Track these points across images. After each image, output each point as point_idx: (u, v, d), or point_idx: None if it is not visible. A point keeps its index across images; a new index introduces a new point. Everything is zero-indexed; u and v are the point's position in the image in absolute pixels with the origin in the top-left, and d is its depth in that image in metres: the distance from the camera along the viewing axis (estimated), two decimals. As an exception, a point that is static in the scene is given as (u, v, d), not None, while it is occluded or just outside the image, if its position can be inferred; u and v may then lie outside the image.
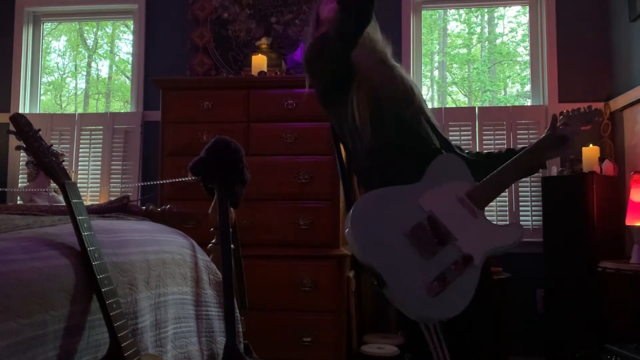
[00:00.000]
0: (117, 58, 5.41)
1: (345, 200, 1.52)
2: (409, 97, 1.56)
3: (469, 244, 1.27)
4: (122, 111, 4.38)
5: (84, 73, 5.43)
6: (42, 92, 4.17)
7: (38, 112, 4.00)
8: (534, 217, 3.46)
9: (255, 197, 2.85)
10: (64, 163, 2.09)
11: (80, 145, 3.82)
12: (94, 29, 5.46)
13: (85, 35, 5.56)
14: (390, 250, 1.22)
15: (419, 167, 1.38)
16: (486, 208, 3.54)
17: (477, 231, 1.31)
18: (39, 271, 1.05)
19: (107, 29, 5.45)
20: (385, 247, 1.22)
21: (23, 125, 1.18)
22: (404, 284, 1.20)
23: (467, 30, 5.98)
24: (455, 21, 5.88)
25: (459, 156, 1.48)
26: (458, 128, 3.56)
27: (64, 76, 5.35)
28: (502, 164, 1.45)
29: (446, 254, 1.25)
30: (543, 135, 1.50)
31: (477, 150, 3.44)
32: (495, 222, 1.41)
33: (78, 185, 1.22)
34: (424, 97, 1.74)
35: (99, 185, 3.76)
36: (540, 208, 3.32)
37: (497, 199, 3.48)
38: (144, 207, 2.10)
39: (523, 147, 1.55)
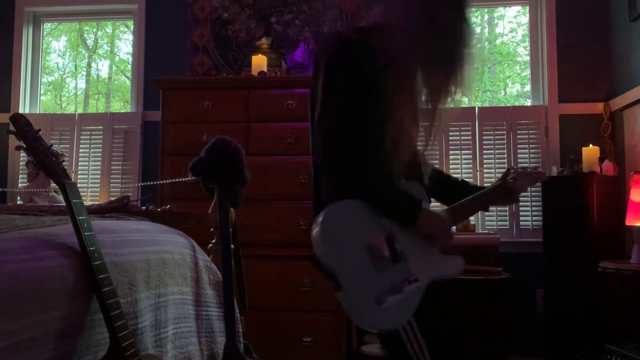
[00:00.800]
0: (117, 58, 5.41)
1: (313, 199, 1.55)
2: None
3: (417, 268, 1.39)
4: (122, 111, 4.38)
5: (84, 73, 5.43)
6: (42, 92, 4.17)
7: (38, 112, 4.00)
8: (534, 217, 3.46)
9: (255, 197, 2.85)
10: (64, 163, 2.09)
11: (80, 146, 3.82)
12: (94, 29, 5.45)
13: (85, 35, 5.56)
14: (351, 258, 1.31)
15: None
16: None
17: (426, 258, 1.43)
18: (39, 271, 1.05)
19: (107, 29, 5.45)
20: (347, 254, 1.32)
21: (23, 125, 1.18)
22: (356, 290, 1.29)
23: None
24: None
25: (422, 184, 1.55)
26: (458, 128, 3.56)
27: (64, 76, 5.35)
28: (457, 195, 1.58)
29: (396, 271, 1.35)
30: (494, 184, 1.60)
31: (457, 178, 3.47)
32: (441, 253, 1.51)
33: (78, 185, 1.22)
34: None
35: (99, 185, 3.76)
36: (540, 208, 3.32)
37: (497, 199, 3.48)
38: (144, 207, 2.10)
39: (475, 187, 1.65)
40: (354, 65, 1.40)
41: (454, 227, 1.60)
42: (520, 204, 3.48)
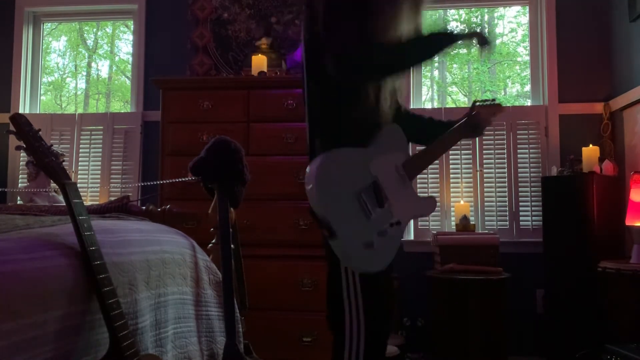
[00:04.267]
0: (117, 58, 5.41)
1: (309, 151, 1.63)
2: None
3: (399, 210, 1.50)
4: (122, 111, 4.38)
5: (84, 73, 5.42)
6: (42, 92, 4.17)
7: (38, 112, 4.00)
8: (534, 217, 3.46)
9: (255, 197, 2.85)
10: (64, 163, 2.09)
11: (80, 146, 3.82)
12: (94, 29, 5.45)
13: (85, 35, 5.56)
14: (342, 207, 1.42)
15: (369, 133, 1.55)
16: (487, 207, 3.53)
17: (405, 199, 1.54)
18: (39, 271, 1.05)
19: (107, 29, 5.45)
20: (339, 204, 1.42)
21: (23, 125, 1.18)
22: (348, 237, 1.40)
23: (467, 30, 5.96)
24: (455, 21, 5.88)
25: (401, 123, 1.65)
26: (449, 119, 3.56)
27: (64, 76, 5.34)
28: (428, 133, 1.72)
29: (382, 215, 1.47)
30: (462, 120, 1.71)
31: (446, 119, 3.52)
32: (416, 194, 1.67)
33: (78, 185, 1.21)
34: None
35: (99, 185, 3.75)
36: (540, 208, 3.32)
37: (498, 199, 3.49)
38: (144, 207, 2.10)
39: (448, 121, 1.77)
40: None
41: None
42: (520, 204, 3.48)
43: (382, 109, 1.58)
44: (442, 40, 1.59)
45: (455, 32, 1.61)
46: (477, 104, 1.72)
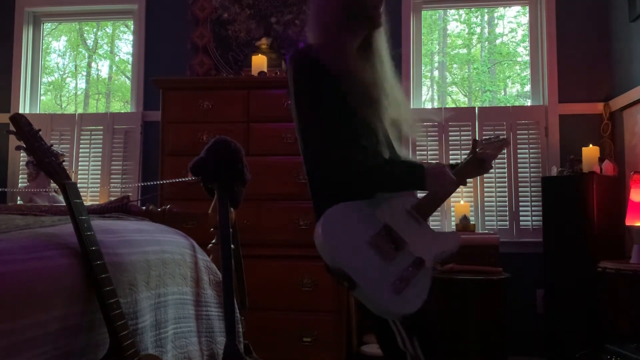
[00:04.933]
0: (117, 58, 5.41)
1: (314, 207, 1.63)
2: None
3: (419, 249, 1.48)
4: (122, 111, 4.38)
5: (84, 73, 5.42)
6: (42, 92, 4.17)
7: (38, 112, 4.00)
8: (534, 217, 3.46)
9: (255, 197, 2.85)
10: (64, 163, 2.09)
11: (80, 146, 3.82)
12: (94, 29, 5.45)
13: (85, 35, 5.56)
14: (357, 256, 1.40)
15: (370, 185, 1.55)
16: (487, 207, 3.53)
17: (425, 238, 1.52)
18: (39, 271, 1.05)
19: (107, 29, 5.45)
20: (352, 253, 1.41)
21: (23, 125, 1.18)
22: (371, 284, 1.38)
23: (467, 30, 5.98)
24: (455, 21, 5.88)
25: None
26: (458, 128, 3.56)
27: (64, 76, 5.35)
28: None
29: (402, 258, 1.45)
30: (466, 158, 1.67)
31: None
32: (436, 230, 1.64)
33: (78, 185, 1.22)
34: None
35: (99, 185, 3.75)
36: (540, 208, 3.31)
37: (497, 199, 3.49)
38: (144, 207, 2.10)
39: (449, 165, 1.73)
40: (310, 79, 1.54)
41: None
42: (520, 204, 3.48)
43: (381, 143, 1.59)
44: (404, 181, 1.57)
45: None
46: (483, 141, 1.68)
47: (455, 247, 1.59)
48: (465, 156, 1.69)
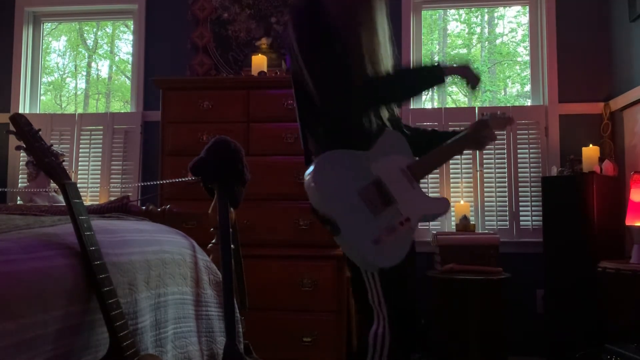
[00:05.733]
0: (117, 58, 5.41)
1: (304, 153, 1.68)
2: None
3: (407, 208, 1.51)
4: (122, 111, 4.38)
5: (84, 73, 5.42)
6: (42, 92, 4.17)
7: (38, 112, 4.00)
8: (534, 217, 3.46)
9: (255, 197, 2.85)
10: (64, 163, 2.09)
11: (80, 145, 3.82)
12: (94, 29, 5.45)
13: (85, 35, 5.56)
14: (345, 204, 1.44)
15: (368, 137, 1.58)
16: (487, 207, 3.53)
17: (414, 199, 1.55)
18: (39, 271, 1.05)
19: (107, 29, 5.45)
20: (341, 201, 1.44)
21: (23, 125, 1.18)
22: (354, 232, 1.42)
23: (467, 30, 5.97)
24: (455, 21, 5.88)
25: (403, 134, 1.68)
26: (458, 128, 3.55)
27: (64, 76, 5.34)
28: (433, 142, 1.70)
29: (389, 213, 1.48)
30: (469, 131, 1.69)
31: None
32: (427, 194, 1.68)
33: (78, 185, 1.22)
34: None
35: (99, 185, 3.75)
36: (540, 208, 3.32)
37: (498, 199, 3.49)
38: (144, 207, 2.10)
39: (452, 131, 1.78)
40: (316, 24, 1.56)
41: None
42: (520, 204, 3.48)
43: (380, 114, 1.61)
44: (426, 78, 1.63)
45: (443, 66, 1.62)
46: (491, 118, 1.70)
47: (444, 211, 1.62)
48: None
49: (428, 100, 4.56)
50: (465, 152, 1.86)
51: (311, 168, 1.46)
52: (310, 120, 1.65)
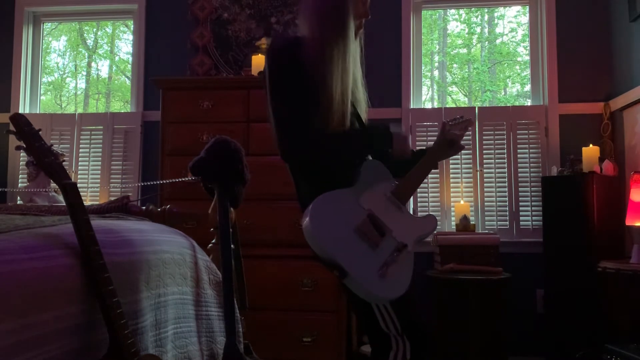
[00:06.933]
0: (117, 58, 5.41)
1: (298, 198, 1.73)
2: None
3: (402, 234, 1.54)
4: (122, 111, 4.38)
5: (84, 73, 5.43)
6: (42, 92, 4.17)
7: (38, 112, 4.00)
8: (534, 217, 3.46)
9: (256, 197, 2.85)
10: (64, 163, 2.09)
11: (80, 145, 3.82)
12: (94, 29, 5.46)
13: (85, 35, 5.56)
14: (346, 245, 1.45)
15: (349, 172, 1.62)
16: (487, 207, 3.53)
17: (405, 223, 1.58)
18: (39, 271, 1.05)
19: (107, 29, 5.45)
20: (341, 243, 1.45)
21: (23, 125, 1.18)
22: (360, 272, 1.43)
23: (467, 30, 5.98)
24: (455, 21, 5.88)
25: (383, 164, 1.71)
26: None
27: (64, 76, 5.35)
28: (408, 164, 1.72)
29: (387, 244, 1.50)
30: (436, 141, 1.74)
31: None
32: (415, 215, 1.74)
33: (78, 185, 1.21)
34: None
35: (99, 185, 3.75)
36: (540, 208, 3.32)
37: (498, 199, 3.49)
38: (144, 207, 2.10)
39: (421, 150, 1.82)
40: (285, 68, 1.58)
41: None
42: (520, 204, 3.48)
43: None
44: (374, 142, 1.68)
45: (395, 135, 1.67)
46: (450, 122, 1.75)
47: (432, 229, 1.67)
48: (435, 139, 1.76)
49: (428, 100, 4.55)
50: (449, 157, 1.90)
51: (307, 218, 1.47)
52: (293, 165, 1.72)
